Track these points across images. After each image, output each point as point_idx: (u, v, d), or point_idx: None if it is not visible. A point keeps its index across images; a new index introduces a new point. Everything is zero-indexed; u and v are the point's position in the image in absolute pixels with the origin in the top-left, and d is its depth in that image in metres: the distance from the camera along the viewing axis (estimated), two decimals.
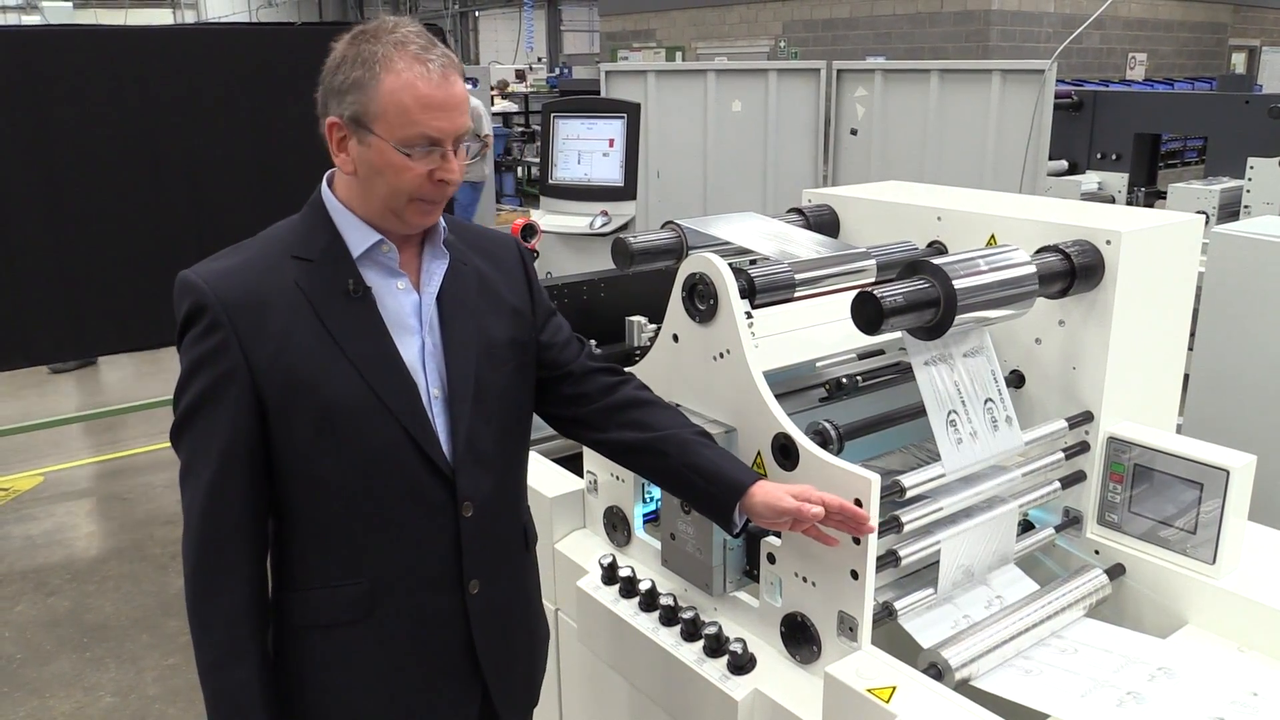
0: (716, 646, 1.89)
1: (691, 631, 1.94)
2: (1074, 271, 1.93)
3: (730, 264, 1.89)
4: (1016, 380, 2.12)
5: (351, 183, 1.58)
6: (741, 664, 1.85)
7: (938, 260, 1.76)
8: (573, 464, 2.45)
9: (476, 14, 31.71)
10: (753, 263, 2.05)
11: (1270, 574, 1.95)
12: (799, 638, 1.82)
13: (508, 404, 1.71)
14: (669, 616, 2.00)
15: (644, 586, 2.05)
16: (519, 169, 15.26)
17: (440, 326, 1.63)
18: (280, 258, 1.56)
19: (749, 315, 1.89)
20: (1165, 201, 6.42)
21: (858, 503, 1.63)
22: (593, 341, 3.23)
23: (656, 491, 2.17)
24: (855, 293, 1.73)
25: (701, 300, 1.91)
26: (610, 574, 2.15)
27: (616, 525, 2.26)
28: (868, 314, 1.68)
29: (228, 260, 1.56)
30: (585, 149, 6.62)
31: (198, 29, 6.60)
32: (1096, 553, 2.09)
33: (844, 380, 1.98)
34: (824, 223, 2.46)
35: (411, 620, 1.64)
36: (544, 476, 2.41)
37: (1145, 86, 13.24)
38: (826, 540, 1.67)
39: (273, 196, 5.76)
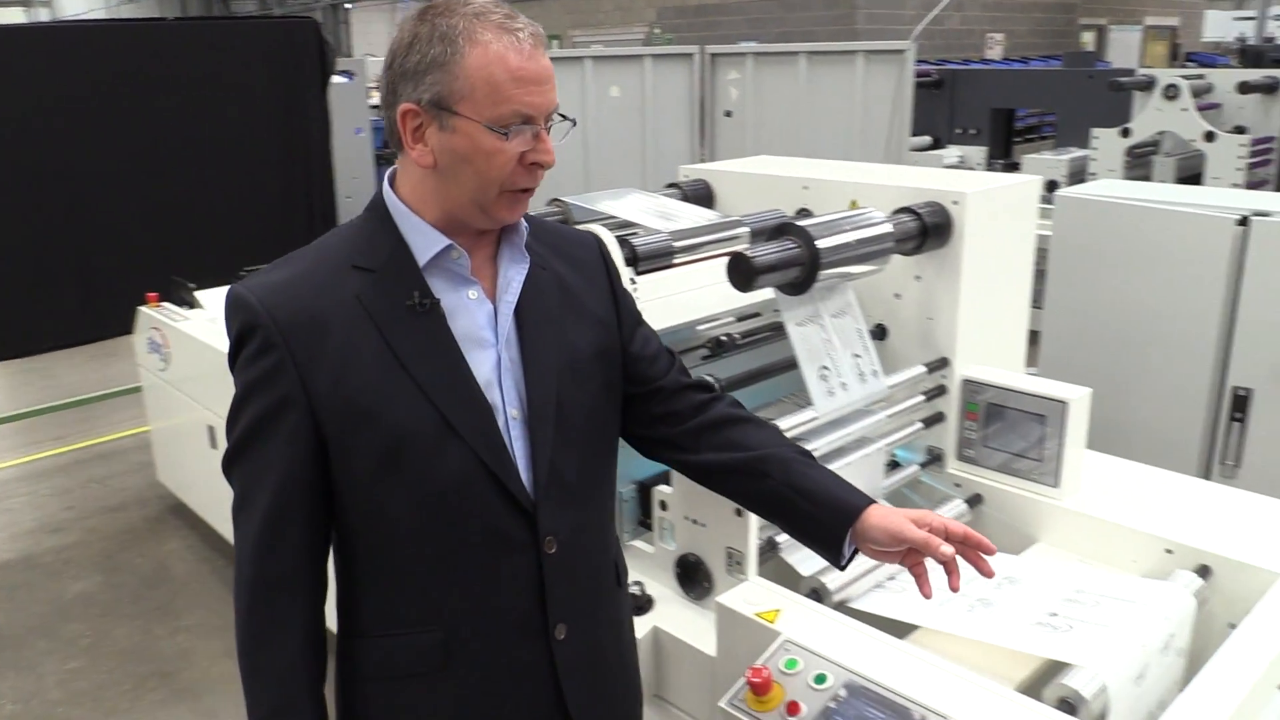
0: None
1: None
2: (926, 230, 2.12)
3: (615, 235, 2.02)
4: (880, 332, 2.31)
5: (425, 179, 1.38)
6: (641, 605, 1.99)
7: (803, 222, 1.93)
8: None
9: (348, 6, 31.04)
10: (635, 234, 2.19)
11: (1106, 494, 2.18)
12: (693, 576, 1.97)
13: (594, 425, 1.52)
14: None
15: None
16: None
17: (519, 340, 1.44)
18: (339, 268, 1.39)
19: (633, 281, 2.02)
20: (1021, 172, 6.82)
21: None
22: None
23: None
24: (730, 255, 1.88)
25: None
26: None
27: None
28: (741, 273, 1.83)
29: (282, 272, 1.39)
30: None
31: (58, 26, 6.41)
32: (957, 485, 2.30)
33: (723, 339, 2.13)
34: (699, 196, 2.61)
35: (492, 672, 1.45)
36: None
37: (1003, 65, 13.85)
38: (926, 589, 1.47)
39: (151, 195, 5.70)
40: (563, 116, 1.39)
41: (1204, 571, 1.95)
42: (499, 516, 1.41)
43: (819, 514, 1.52)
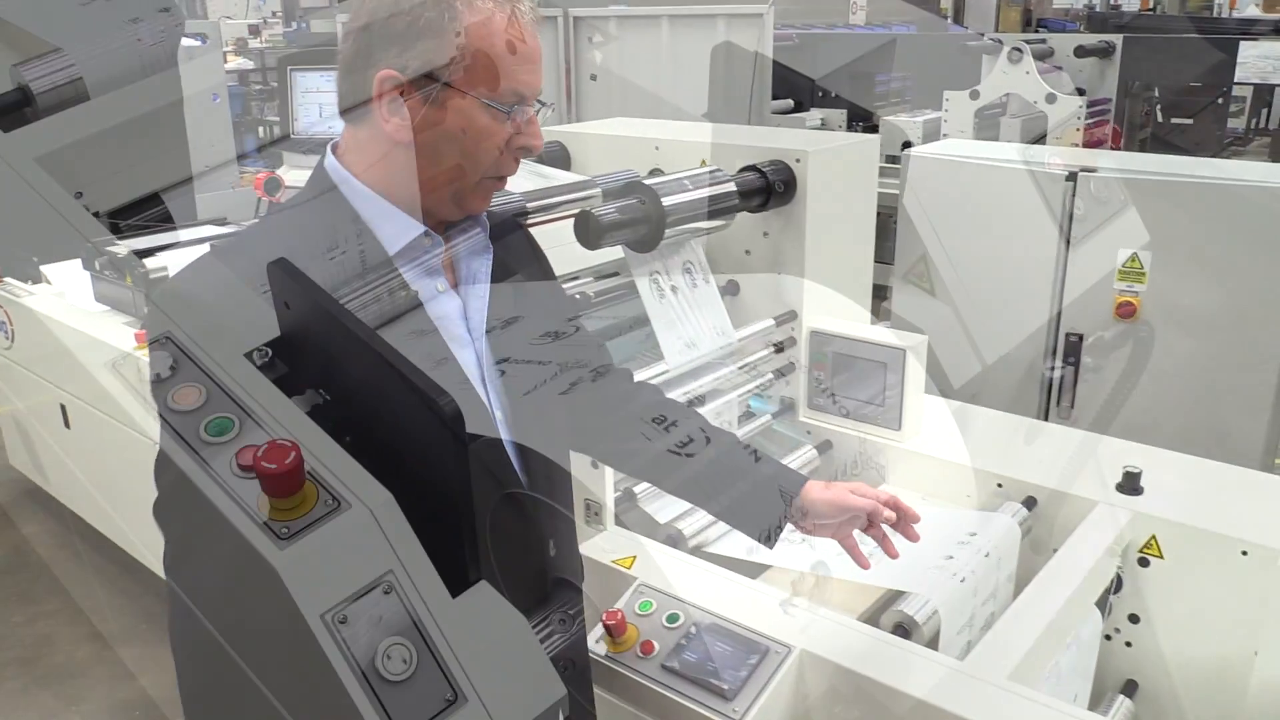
0: None
1: None
2: (770, 187, 2.19)
3: None
4: (732, 289, 2.39)
5: (391, 157, 1.24)
6: None
7: (649, 181, 1.98)
8: None
9: None
10: None
11: (944, 435, 2.32)
12: None
13: (559, 420, 1.47)
14: None
15: None
16: (260, 129, 14.62)
17: (487, 335, 1.33)
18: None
19: None
20: (880, 134, 7.02)
21: None
22: None
23: None
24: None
25: None
26: None
27: None
28: (588, 230, 1.88)
29: (228, 269, 1.21)
30: (328, 101, 6.49)
31: None
32: (809, 433, 2.40)
33: (578, 297, 2.18)
34: (555, 158, 2.64)
35: None
36: None
37: (865, 30, 14.17)
38: (862, 560, 1.53)
39: None
40: (540, 103, 1.30)
41: (1030, 502, 2.09)
42: (505, 522, 1.33)
43: (758, 493, 1.52)
